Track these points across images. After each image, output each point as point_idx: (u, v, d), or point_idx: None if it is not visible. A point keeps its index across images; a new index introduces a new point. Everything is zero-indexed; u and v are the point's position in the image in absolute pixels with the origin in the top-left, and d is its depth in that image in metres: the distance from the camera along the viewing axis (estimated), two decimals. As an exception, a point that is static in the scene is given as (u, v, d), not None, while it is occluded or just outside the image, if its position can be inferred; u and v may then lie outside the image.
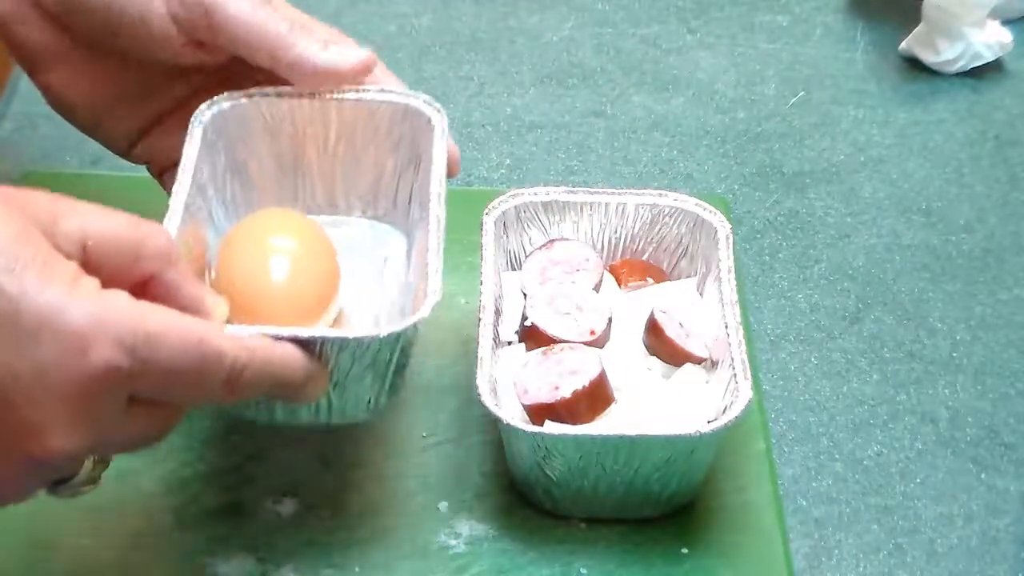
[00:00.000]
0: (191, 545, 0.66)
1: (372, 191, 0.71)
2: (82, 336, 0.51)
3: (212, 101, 0.67)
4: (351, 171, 0.71)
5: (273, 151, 0.70)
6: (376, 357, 0.60)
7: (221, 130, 0.68)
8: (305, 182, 0.71)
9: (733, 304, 0.68)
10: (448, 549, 0.66)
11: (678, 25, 1.00)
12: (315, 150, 0.70)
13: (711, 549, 0.66)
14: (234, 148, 0.69)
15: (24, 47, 0.69)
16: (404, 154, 0.70)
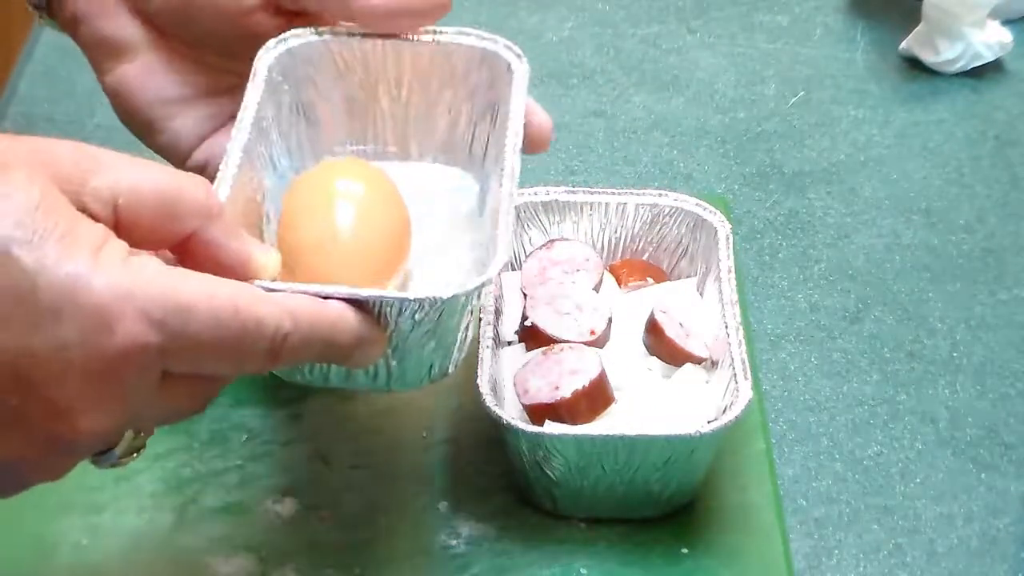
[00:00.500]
0: (191, 545, 0.66)
1: (446, 139, 0.68)
2: (106, 311, 0.47)
3: (279, 39, 0.64)
4: (424, 117, 0.68)
5: (343, 93, 0.67)
6: (439, 320, 0.56)
7: (288, 70, 0.65)
8: (376, 127, 0.68)
9: (733, 304, 0.68)
10: (448, 549, 0.66)
11: (678, 25, 1.00)
12: (387, 94, 0.67)
13: (711, 549, 0.66)
14: (301, 89, 0.66)
15: (102, 43, 0.67)
16: (480, 101, 0.67)
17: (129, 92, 0.67)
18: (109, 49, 0.67)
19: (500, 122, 0.65)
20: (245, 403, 0.72)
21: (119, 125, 0.88)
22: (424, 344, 0.57)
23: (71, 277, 0.47)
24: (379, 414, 0.72)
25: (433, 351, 0.57)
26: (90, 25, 0.67)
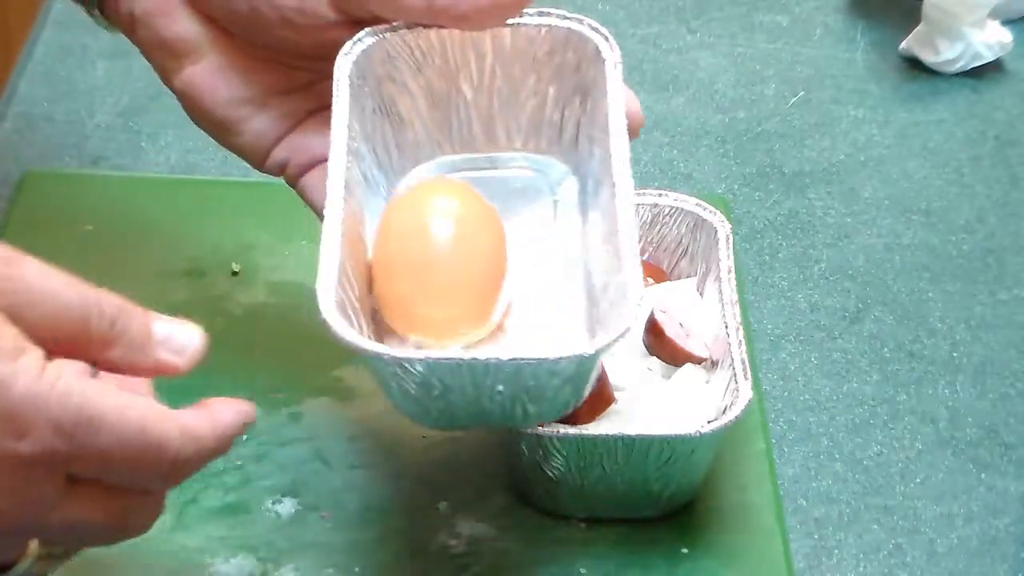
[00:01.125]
0: (191, 545, 0.66)
1: (534, 123, 0.66)
2: (21, 417, 0.49)
3: (354, 40, 0.63)
4: (510, 103, 0.66)
5: (424, 86, 0.65)
6: (578, 371, 0.56)
7: (366, 72, 0.63)
8: (460, 117, 0.66)
9: (733, 304, 0.68)
10: (448, 549, 0.66)
11: (678, 25, 1.00)
12: (469, 82, 0.65)
13: (711, 549, 0.66)
14: (382, 88, 0.64)
15: (166, 44, 0.65)
16: (568, 83, 0.65)
17: (199, 94, 0.66)
18: (172, 51, 0.65)
19: (591, 107, 0.64)
20: (245, 403, 0.72)
21: (119, 124, 0.88)
22: (561, 388, 0.57)
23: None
24: (379, 415, 0.72)
25: (569, 393, 0.58)
26: (150, 26, 0.65)
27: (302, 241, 0.80)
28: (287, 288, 0.78)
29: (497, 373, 0.55)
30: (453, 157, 0.67)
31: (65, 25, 0.95)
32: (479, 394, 0.56)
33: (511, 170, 0.67)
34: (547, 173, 0.67)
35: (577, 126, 0.65)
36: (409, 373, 0.55)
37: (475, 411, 0.58)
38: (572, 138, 0.66)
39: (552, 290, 0.63)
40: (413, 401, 0.57)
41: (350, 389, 0.73)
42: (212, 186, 0.84)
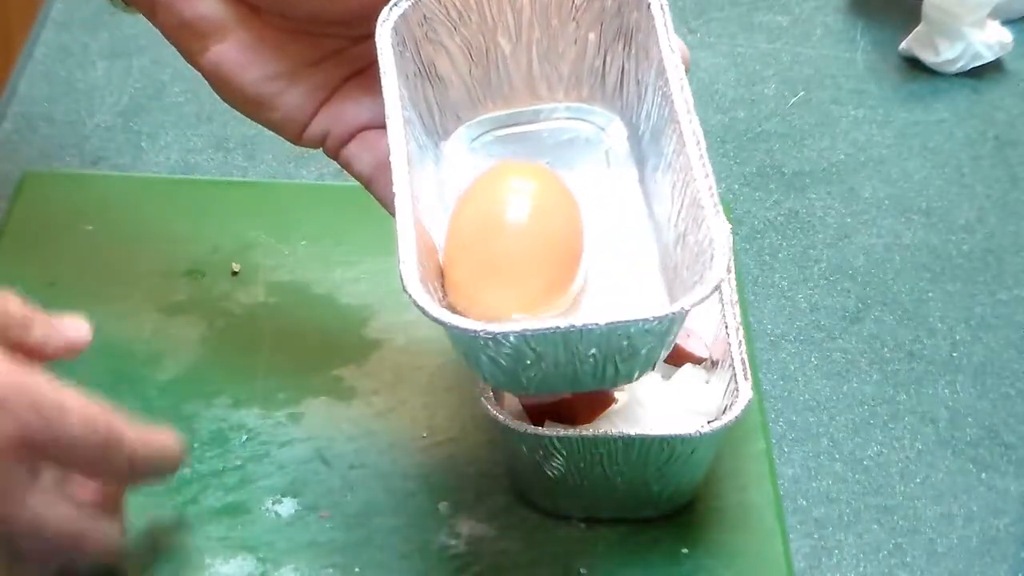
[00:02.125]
0: (191, 544, 0.66)
1: (575, 72, 0.65)
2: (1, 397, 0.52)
3: (391, 5, 0.62)
4: (549, 53, 0.65)
5: (462, 44, 0.64)
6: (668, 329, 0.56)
7: (405, 36, 0.63)
8: (500, 72, 0.65)
9: (733, 304, 0.68)
10: (448, 549, 0.66)
11: (678, 25, 1.00)
12: (507, 36, 0.65)
13: (711, 549, 0.66)
14: (420, 50, 0.64)
15: (189, 25, 0.64)
16: (609, 28, 0.64)
17: (229, 73, 0.64)
18: (196, 31, 0.64)
19: (636, 51, 0.63)
20: (245, 403, 0.72)
21: (119, 124, 0.88)
22: (653, 346, 0.57)
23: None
24: (379, 414, 0.72)
25: (657, 349, 0.57)
26: (171, 8, 0.64)
27: (302, 241, 0.80)
28: (287, 288, 0.78)
29: (591, 337, 0.55)
30: (496, 113, 0.67)
31: (65, 25, 0.95)
32: (572, 359, 0.56)
33: (556, 122, 0.66)
34: (593, 121, 0.66)
35: (621, 71, 0.64)
36: (501, 346, 0.55)
37: (566, 375, 0.57)
38: (616, 84, 0.65)
39: (621, 247, 0.62)
40: (504, 372, 0.57)
41: (350, 389, 0.73)
42: (212, 186, 0.84)
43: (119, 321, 0.75)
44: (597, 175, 0.65)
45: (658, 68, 0.61)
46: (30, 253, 0.79)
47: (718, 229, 0.55)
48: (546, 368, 0.57)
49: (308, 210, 0.81)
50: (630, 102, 0.65)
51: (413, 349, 0.74)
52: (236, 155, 0.84)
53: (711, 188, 0.57)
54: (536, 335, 0.54)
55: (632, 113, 0.65)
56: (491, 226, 0.59)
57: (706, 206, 0.56)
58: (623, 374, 0.58)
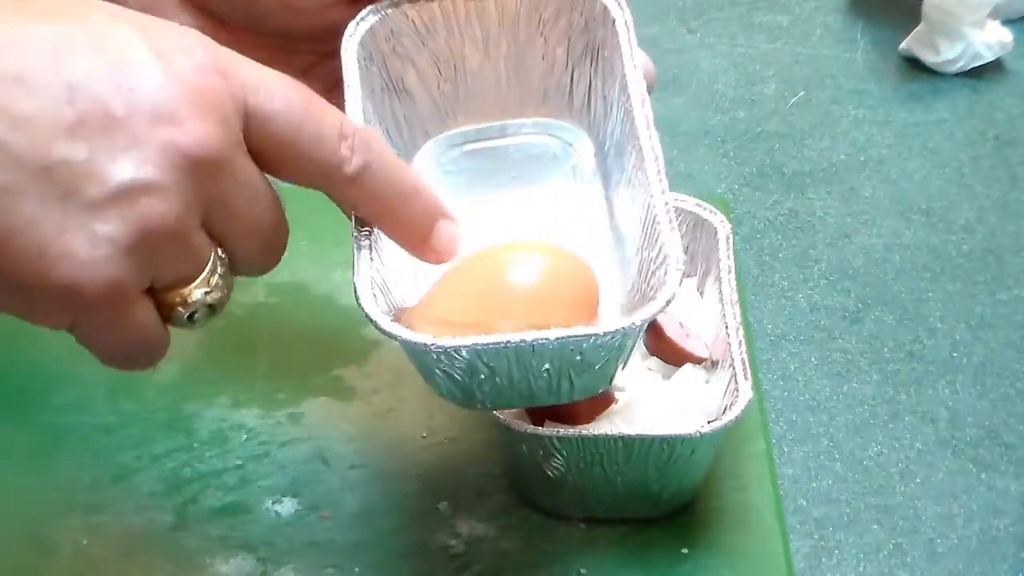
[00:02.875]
0: (191, 545, 0.66)
1: (543, 88, 0.66)
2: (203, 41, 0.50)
3: (357, 20, 0.62)
4: (517, 69, 0.65)
5: (430, 59, 0.65)
6: (623, 343, 0.56)
7: (372, 50, 0.63)
8: (468, 86, 0.66)
9: (733, 304, 0.68)
10: (448, 549, 0.66)
11: (678, 25, 1.00)
12: (475, 51, 0.65)
13: (711, 549, 0.66)
14: (388, 65, 0.64)
15: None
16: (577, 44, 0.64)
17: None
18: None
19: (602, 68, 0.63)
20: (245, 403, 0.72)
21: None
22: (607, 360, 0.56)
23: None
24: (379, 414, 0.72)
25: (614, 364, 0.57)
26: None
27: (302, 241, 0.80)
28: (287, 288, 0.78)
29: (544, 352, 0.55)
30: (464, 128, 0.67)
31: (65, 25, 0.95)
32: (526, 374, 0.56)
33: (524, 137, 0.66)
34: (560, 137, 0.66)
35: (588, 88, 0.65)
36: (454, 359, 0.55)
37: (521, 391, 0.57)
38: (584, 100, 0.65)
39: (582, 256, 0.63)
40: (457, 386, 0.57)
41: (350, 389, 0.73)
42: (212, 186, 0.84)
43: (119, 321, 0.75)
44: (563, 189, 0.65)
45: (621, 84, 0.61)
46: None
47: (672, 245, 0.55)
48: (500, 383, 0.57)
49: (308, 210, 0.81)
50: (597, 118, 0.65)
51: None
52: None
53: (667, 204, 0.57)
54: (487, 349, 0.54)
55: (599, 129, 0.65)
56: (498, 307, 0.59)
57: (661, 222, 0.56)
58: (578, 388, 0.58)
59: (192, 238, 0.49)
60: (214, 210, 0.49)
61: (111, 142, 0.46)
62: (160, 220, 0.47)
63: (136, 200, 0.47)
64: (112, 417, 0.71)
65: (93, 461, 0.69)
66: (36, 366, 0.73)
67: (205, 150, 0.48)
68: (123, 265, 0.47)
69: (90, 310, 0.48)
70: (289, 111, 0.51)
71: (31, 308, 0.48)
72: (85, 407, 0.71)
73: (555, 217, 0.63)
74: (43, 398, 0.72)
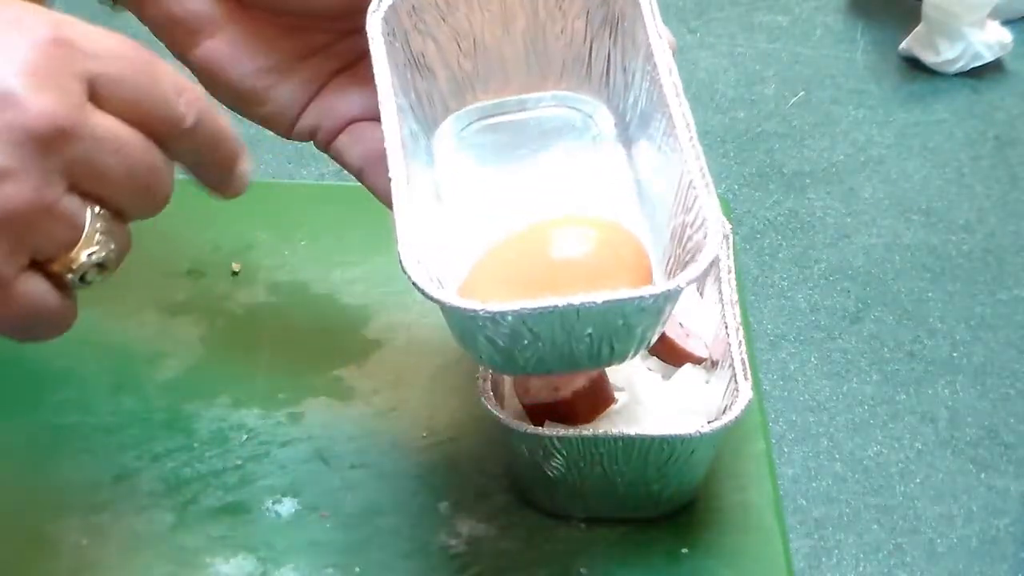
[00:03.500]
0: (191, 545, 0.66)
1: (563, 61, 0.66)
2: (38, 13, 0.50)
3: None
4: (536, 43, 0.65)
5: (450, 34, 0.65)
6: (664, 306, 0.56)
7: (394, 26, 0.63)
8: (488, 61, 0.66)
9: (733, 304, 0.68)
10: (448, 549, 0.66)
11: (678, 25, 1.00)
12: (494, 26, 0.65)
13: (711, 549, 0.66)
14: (410, 40, 0.64)
15: (179, 21, 0.64)
16: (596, 16, 0.64)
17: (220, 68, 0.64)
18: (186, 27, 0.64)
19: (621, 38, 0.63)
20: (245, 403, 0.72)
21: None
22: (648, 326, 0.56)
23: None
24: (379, 414, 0.72)
25: (652, 329, 0.57)
26: (161, 4, 0.64)
27: (302, 241, 0.80)
28: (287, 288, 0.78)
29: (588, 316, 0.55)
30: (484, 103, 0.67)
31: (65, 25, 0.95)
32: (568, 339, 0.56)
33: (543, 110, 0.67)
34: (580, 109, 0.66)
35: (607, 60, 0.65)
36: (499, 325, 0.55)
37: (562, 355, 0.57)
38: (602, 72, 0.65)
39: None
40: (500, 353, 0.57)
41: (350, 389, 0.73)
42: (212, 186, 0.84)
43: (119, 321, 0.75)
44: (585, 159, 0.65)
45: (646, 54, 0.61)
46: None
47: (710, 208, 0.55)
48: (542, 348, 0.56)
49: (308, 210, 0.81)
50: (617, 89, 0.65)
51: (413, 349, 0.74)
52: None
53: (702, 169, 0.57)
54: (533, 314, 0.54)
55: (619, 100, 0.65)
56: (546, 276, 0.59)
57: (698, 186, 0.56)
58: (618, 353, 0.58)
59: (57, 207, 0.49)
60: (78, 172, 0.50)
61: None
62: (15, 202, 0.48)
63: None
64: (112, 417, 0.71)
65: (93, 461, 0.69)
66: (36, 366, 0.73)
67: (47, 121, 0.48)
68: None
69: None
70: (132, 75, 0.51)
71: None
72: (85, 407, 0.71)
73: (579, 187, 0.64)
74: (43, 398, 0.72)
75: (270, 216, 0.81)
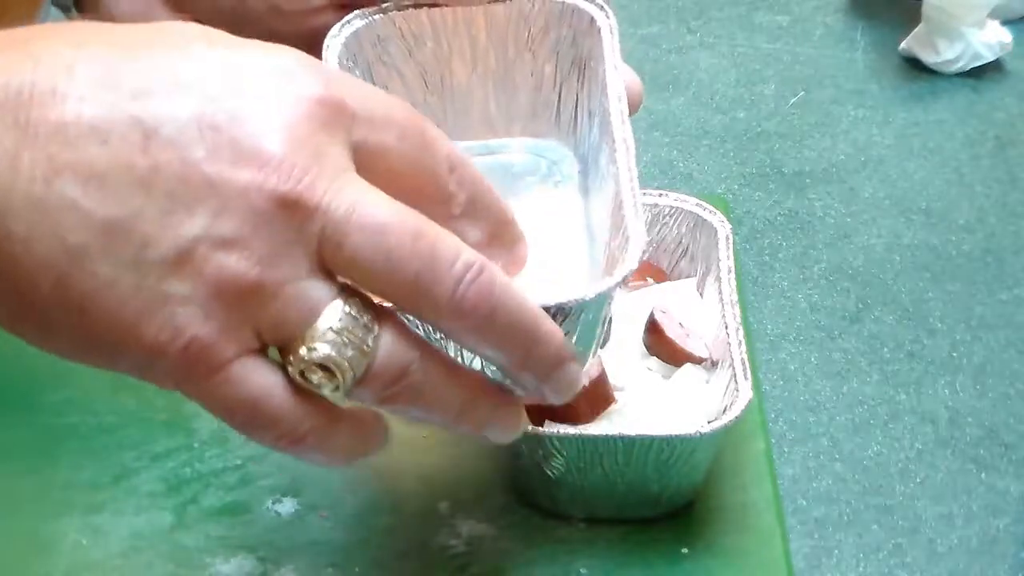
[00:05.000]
0: (191, 545, 0.66)
1: (531, 105, 0.64)
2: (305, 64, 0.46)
3: (343, 23, 0.60)
4: (505, 84, 0.64)
5: (417, 71, 0.63)
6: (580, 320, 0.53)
7: (356, 55, 0.61)
8: (454, 101, 0.64)
9: (733, 304, 0.68)
10: (448, 549, 0.66)
11: (678, 25, 1.00)
12: (463, 64, 0.63)
13: (711, 549, 0.66)
14: (373, 72, 0.62)
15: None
16: (565, 59, 0.63)
17: None
18: None
19: (588, 80, 0.63)
20: (245, 403, 0.72)
21: (119, 125, 0.88)
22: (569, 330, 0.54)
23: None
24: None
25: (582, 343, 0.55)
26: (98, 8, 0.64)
27: (302, 241, 0.80)
28: (287, 288, 0.78)
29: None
30: None
31: (65, 25, 0.95)
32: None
33: (509, 155, 0.66)
34: (546, 156, 0.65)
35: (575, 104, 0.64)
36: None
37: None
38: (571, 117, 0.64)
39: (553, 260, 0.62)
40: None
41: (350, 389, 0.73)
42: (212, 186, 0.84)
43: (119, 321, 0.75)
44: (543, 202, 0.64)
45: (602, 87, 0.60)
46: (30, 253, 0.79)
47: (635, 228, 0.53)
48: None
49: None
50: (582, 135, 0.64)
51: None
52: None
53: (633, 190, 0.55)
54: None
55: (584, 146, 0.64)
56: None
57: (626, 207, 0.54)
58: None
59: (286, 289, 0.44)
60: (326, 252, 0.44)
61: (186, 190, 0.43)
62: (236, 275, 0.43)
63: (208, 256, 0.43)
64: (112, 417, 0.71)
65: (93, 461, 0.69)
66: (36, 366, 0.73)
67: (293, 188, 0.43)
68: (202, 324, 0.43)
69: (182, 371, 0.44)
70: (403, 144, 0.47)
71: (132, 368, 0.45)
72: (85, 407, 0.71)
73: (531, 225, 0.63)
74: (43, 398, 0.72)
75: (270, 216, 0.81)
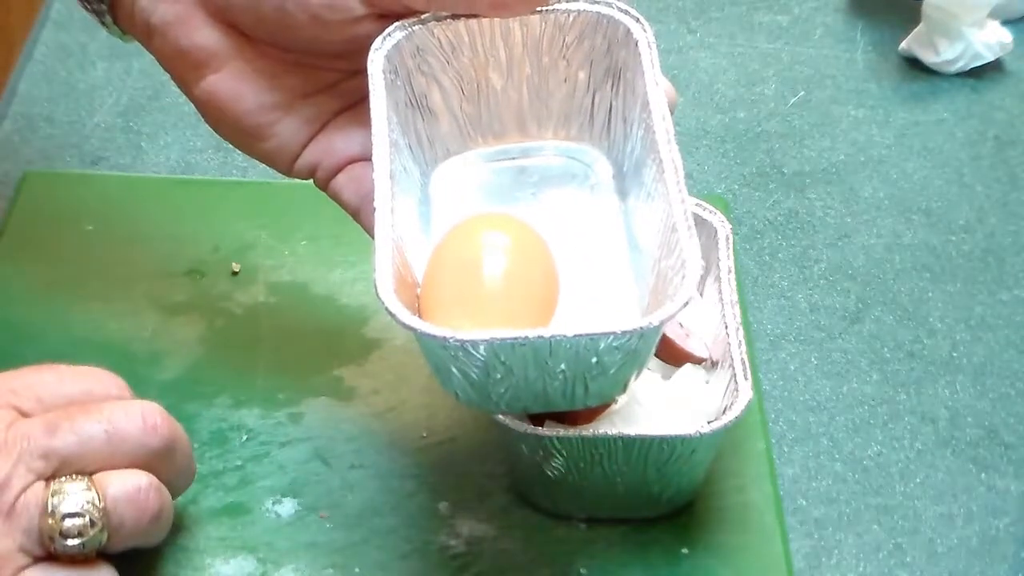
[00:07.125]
0: (191, 545, 0.66)
1: (565, 110, 0.66)
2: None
3: (384, 35, 0.63)
4: (540, 91, 0.66)
5: (454, 78, 0.65)
6: (640, 344, 0.56)
7: (398, 66, 0.63)
8: (490, 108, 0.66)
9: (733, 304, 0.68)
10: (448, 549, 0.66)
11: (678, 25, 1.00)
12: (498, 73, 0.65)
13: (711, 549, 0.66)
14: (412, 81, 0.64)
15: (185, 54, 0.64)
16: (599, 67, 0.65)
17: (223, 103, 0.65)
18: (192, 60, 0.64)
19: (624, 90, 0.64)
20: (245, 403, 0.72)
21: (119, 124, 0.88)
22: (622, 364, 0.57)
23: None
24: (378, 414, 0.72)
25: (628, 369, 0.58)
26: (167, 36, 0.64)
27: (302, 241, 0.80)
28: (287, 288, 0.78)
29: (560, 350, 0.55)
30: (485, 149, 0.67)
31: (65, 25, 0.95)
32: (541, 374, 0.56)
33: (543, 158, 0.67)
34: (580, 160, 0.67)
35: (609, 110, 0.65)
36: (471, 356, 0.55)
37: (536, 393, 0.58)
38: (604, 123, 0.66)
39: (599, 274, 0.63)
40: (473, 386, 0.57)
41: (350, 389, 0.73)
42: (212, 186, 0.84)
43: (119, 321, 0.75)
44: (581, 205, 0.66)
45: (643, 102, 0.62)
46: (30, 253, 0.79)
47: (690, 251, 0.56)
48: (516, 383, 0.57)
49: (308, 210, 0.81)
50: (616, 140, 0.66)
51: (413, 349, 0.74)
52: (236, 155, 0.84)
53: (686, 212, 0.58)
54: (505, 344, 0.55)
55: (618, 151, 0.66)
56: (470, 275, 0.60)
57: (680, 229, 0.57)
58: (592, 393, 0.58)
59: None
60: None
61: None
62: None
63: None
64: (112, 417, 0.71)
65: (93, 461, 0.69)
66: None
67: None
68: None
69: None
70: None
71: None
72: (85, 407, 0.71)
73: (571, 233, 0.64)
74: (43, 398, 0.72)
75: (270, 216, 0.81)
